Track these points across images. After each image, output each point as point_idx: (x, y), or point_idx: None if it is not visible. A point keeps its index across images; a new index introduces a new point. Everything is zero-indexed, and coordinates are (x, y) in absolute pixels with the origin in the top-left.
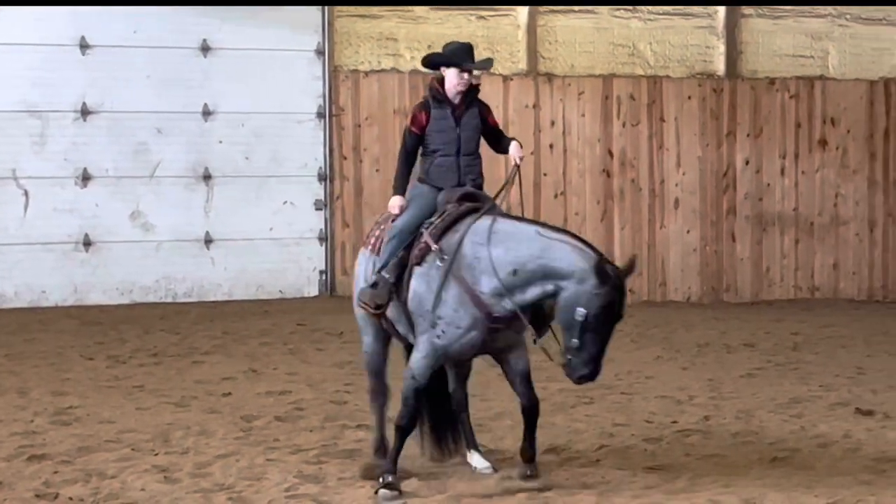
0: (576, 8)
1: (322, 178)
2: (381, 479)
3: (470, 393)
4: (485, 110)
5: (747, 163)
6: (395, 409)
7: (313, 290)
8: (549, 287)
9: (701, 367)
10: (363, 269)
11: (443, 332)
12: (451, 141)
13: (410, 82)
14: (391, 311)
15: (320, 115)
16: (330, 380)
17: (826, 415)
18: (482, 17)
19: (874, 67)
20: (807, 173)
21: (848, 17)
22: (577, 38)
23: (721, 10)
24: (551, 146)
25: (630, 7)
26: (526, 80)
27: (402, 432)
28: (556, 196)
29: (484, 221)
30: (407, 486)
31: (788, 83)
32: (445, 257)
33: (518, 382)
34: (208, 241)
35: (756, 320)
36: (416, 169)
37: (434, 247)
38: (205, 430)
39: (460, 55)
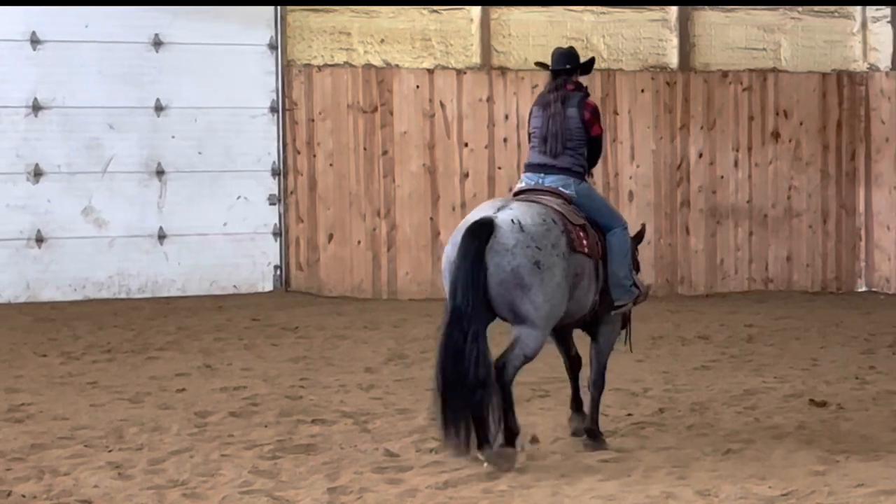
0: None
1: (276, 172)
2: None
3: (427, 387)
4: None
5: (701, 155)
6: None
7: (268, 286)
8: None
9: (656, 360)
10: (572, 270)
11: None
12: None
13: (364, 76)
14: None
15: (273, 109)
16: (285, 375)
17: (780, 406)
18: (435, 11)
19: (826, 60)
20: (760, 166)
21: (800, 9)
22: (530, 31)
23: (674, 5)
24: (505, 140)
25: (582, 4)
26: (479, 73)
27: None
28: (509, 190)
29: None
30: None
31: (741, 76)
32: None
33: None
34: (162, 236)
35: (710, 312)
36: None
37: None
38: (159, 426)
39: (590, 65)
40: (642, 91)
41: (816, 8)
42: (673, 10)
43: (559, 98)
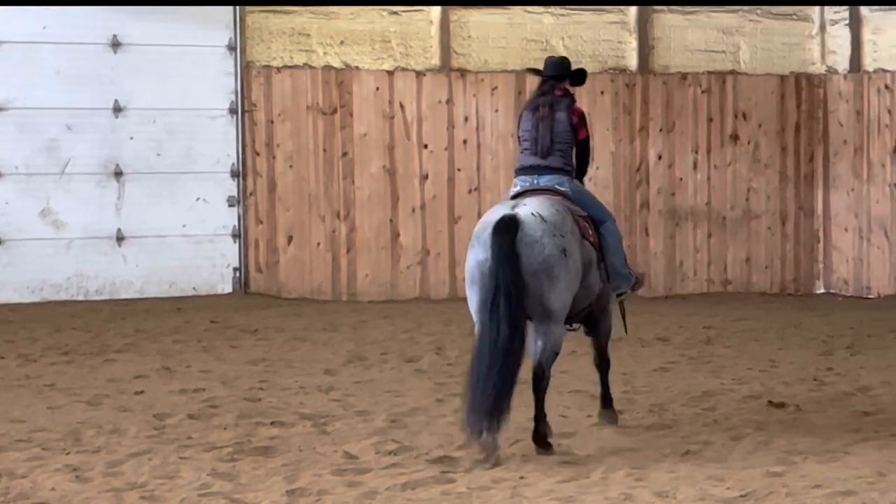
0: (489, 4)
1: (235, 174)
2: None
3: (390, 390)
4: None
5: (660, 157)
6: None
7: (227, 287)
8: None
9: (615, 362)
10: (583, 261)
11: None
12: None
13: (323, 78)
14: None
15: (232, 111)
16: (244, 377)
17: (738, 408)
18: (395, 13)
19: (785, 62)
20: (719, 168)
21: (759, 12)
22: (490, 33)
23: (633, 6)
24: (465, 142)
25: (543, 5)
26: (439, 75)
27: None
28: (469, 191)
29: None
30: None
31: (700, 78)
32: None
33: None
34: (120, 238)
35: (669, 314)
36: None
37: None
38: (117, 428)
39: (583, 77)
40: (601, 93)
41: (775, 10)
42: (632, 13)
43: (548, 103)
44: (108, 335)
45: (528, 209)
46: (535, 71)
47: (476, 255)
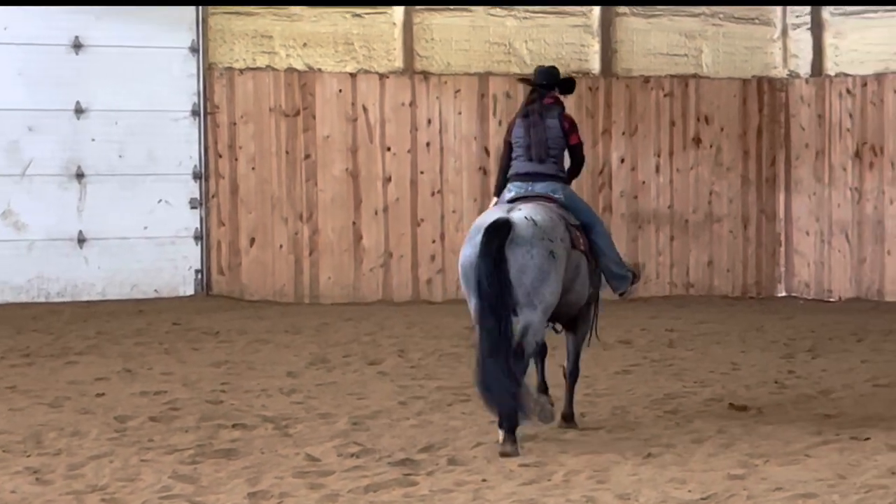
0: (452, 6)
1: (197, 176)
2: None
3: (352, 392)
4: None
5: (622, 161)
6: None
7: (189, 290)
8: None
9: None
10: (568, 262)
11: None
12: None
13: (286, 80)
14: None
15: (195, 112)
16: (206, 379)
17: (700, 410)
18: (358, 15)
19: (747, 66)
20: (681, 171)
21: (721, 15)
22: (453, 36)
23: (596, 9)
24: (428, 144)
25: (506, 6)
26: (402, 77)
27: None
28: (433, 194)
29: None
30: None
31: (663, 81)
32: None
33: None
34: (82, 240)
35: (632, 317)
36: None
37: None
38: (78, 430)
39: (572, 86)
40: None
41: (737, 14)
42: (595, 16)
43: (539, 110)
44: (70, 337)
45: (522, 213)
46: (525, 79)
47: (467, 256)
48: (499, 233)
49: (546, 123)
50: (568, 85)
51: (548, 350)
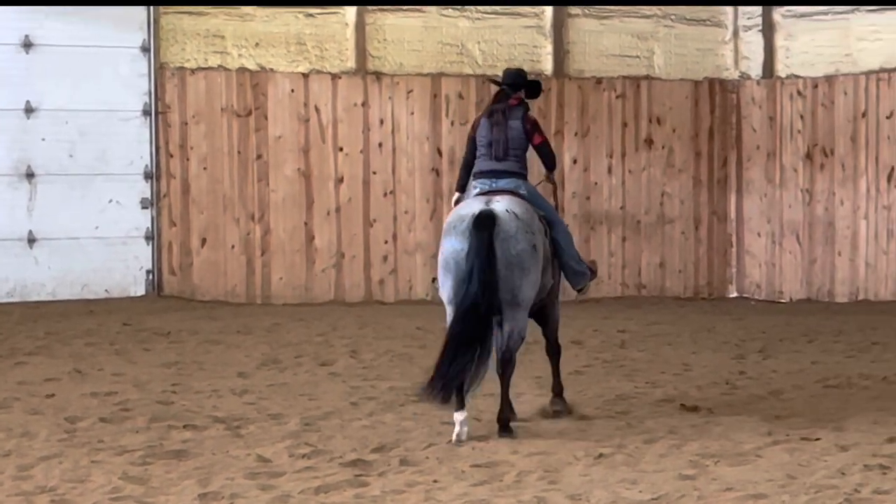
0: (404, 7)
1: (148, 176)
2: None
3: (304, 393)
4: None
5: (575, 162)
6: None
7: (140, 290)
8: None
9: (528, 365)
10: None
11: None
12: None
13: (238, 80)
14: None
15: (146, 112)
16: (156, 380)
17: (652, 411)
18: (310, 15)
19: (698, 67)
20: (633, 172)
21: (673, 17)
22: (405, 36)
23: (548, 10)
24: (380, 145)
25: (458, 6)
26: (354, 78)
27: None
28: (385, 194)
29: None
30: None
31: (615, 83)
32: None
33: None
34: (32, 240)
35: (584, 318)
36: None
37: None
38: (27, 431)
39: (538, 90)
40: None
41: (689, 16)
42: (547, 17)
43: (503, 110)
44: (19, 338)
45: (502, 206)
46: (492, 80)
47: (452, 244)
48: (487, 225)
49: (509, 124)
50: (534, 88)
51: (561, 351)
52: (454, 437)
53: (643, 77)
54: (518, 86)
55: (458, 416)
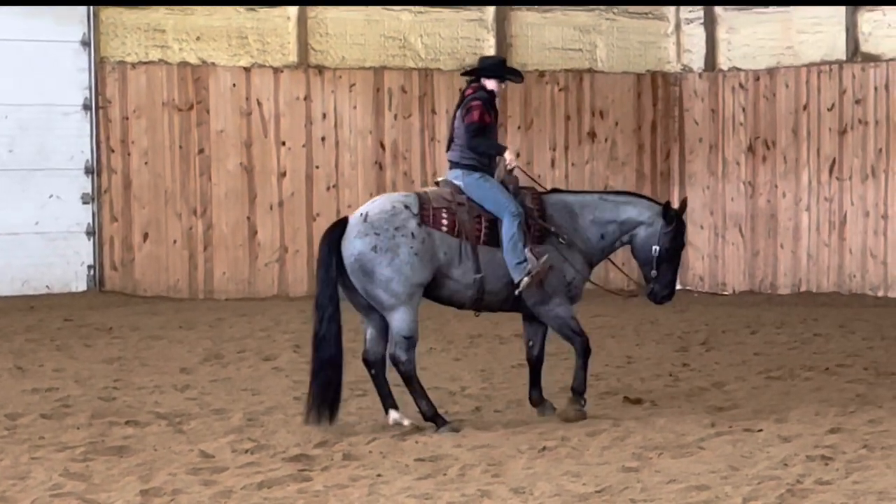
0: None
1: (89, 171)
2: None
3: (247, 388)
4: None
5: (518, 155)
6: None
7: (81, 286)
8: (626, 238)
9: (473, 359)
10: (428, 246)
11: (575, 287)
12: (496, 135)
13: (179, 74)
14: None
15: (87, 107)
16: (98, 376)
17: (595, 403)
18: (252, 9)
19: (641, 61)
20: (577, 165)
21: (615, 10)
22: (347, 30)
23: (491, 4)
24: (323, 139)
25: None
26: (297, 72)
27: (587, 356)
28: (328, 189)
29: (559, 197)
30: None
31: (558, 76)
32: (566, 236)
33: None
34: None
35: None
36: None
37: (553, 228)
38: None
39: (499, 69)
40: (460, 90)
41: (631, 10)
42: (490, 11)
43: (459, 101)
44: None
45: (365, 207)
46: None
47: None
48: (332, 231)
49: (456, 113)
50: (494, 68)
51: (543, 361)
52: (394, 423)
53: (586, 70)
54: (476, 73)
55: (394, 415)
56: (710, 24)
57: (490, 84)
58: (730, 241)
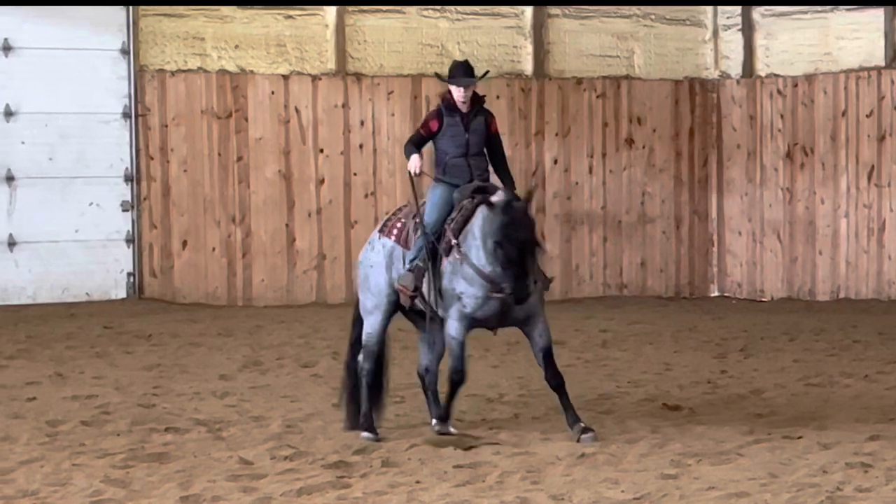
0: (384, 7)
1: (129, 178)
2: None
3: (286, 395)
4: (489, 118)
5: (556, 162)
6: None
7: (121, 293)
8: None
9: (511, 366)
10: (384, 256)
11: (465, 303)
12: (461, 144)
13: (218, 82)
14: (426, 290)
15: (126, 115)
16: (138, 383)
17: (634, 411)
18: (290, 17)
19: (678, 67)
20: (614, 172)
21: (653, 17)
22: (385, 37)
23: (528, 10)
24: (361, 146)
25: (438, 7)
26: (335, 79)
27: (456, 384)
28: (366, 196)
29: (482, 210)
30: None
31: (595, 83)
32: (462, 251)
33: (541, 358)
34: (12, 243)
35: (566, 318)
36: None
37: (454, 242)
38: (8, 435)
39: (458, 73)
40: (497, 97)
41: (669, 16)
42: (527, 17)
43: None
44: (0, 341)
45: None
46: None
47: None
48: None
49: None
50: (449, 72)
51: (435, 380)
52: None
53: (623, 77)
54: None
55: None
56: (748, 31)
57: (452, 90)
58: (768, 247)
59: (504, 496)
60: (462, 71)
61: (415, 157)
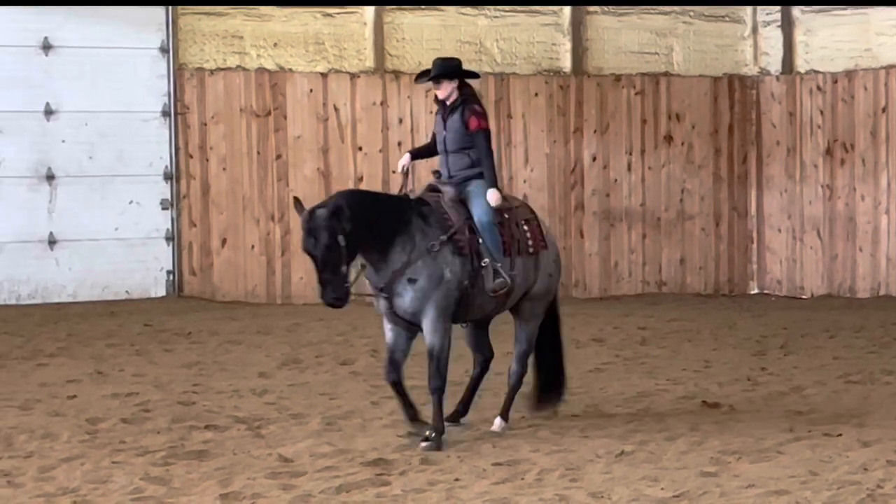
0: (422, 5)
1: (168, 177)
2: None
3: (325, 393)
4: (467, 113)
5: (594, 159)
6: None
7: (160, 291)
8: None
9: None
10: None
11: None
12: (441, 141)
13: (256, 80)
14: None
15: (165, 113)
16: (177, 381)
17: (673, 408)
18: (328, 15)
19: (717, 64)
20: (653, 169)
21: (692, 13)
22: (424, 35)
23: (567, 8)
24: (399, 144)
25: (477, 4)
26: (373, 77)
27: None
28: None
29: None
30: None
31: (634, 80)
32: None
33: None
34: (52, 241)
35: (604, 315)
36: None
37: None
38: (49, 433)
39: (429, 70)
40: (536, 95)
41: (708, 12)
42: (566, 15)
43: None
44: (41, 339)
45: None
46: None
47: None
48: None
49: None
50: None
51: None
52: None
53: (662, 74)
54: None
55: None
56: (787, 27)
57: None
58: (808, 244)
59: (543, 493)
60: (433, 68)
61: (405, 156)
